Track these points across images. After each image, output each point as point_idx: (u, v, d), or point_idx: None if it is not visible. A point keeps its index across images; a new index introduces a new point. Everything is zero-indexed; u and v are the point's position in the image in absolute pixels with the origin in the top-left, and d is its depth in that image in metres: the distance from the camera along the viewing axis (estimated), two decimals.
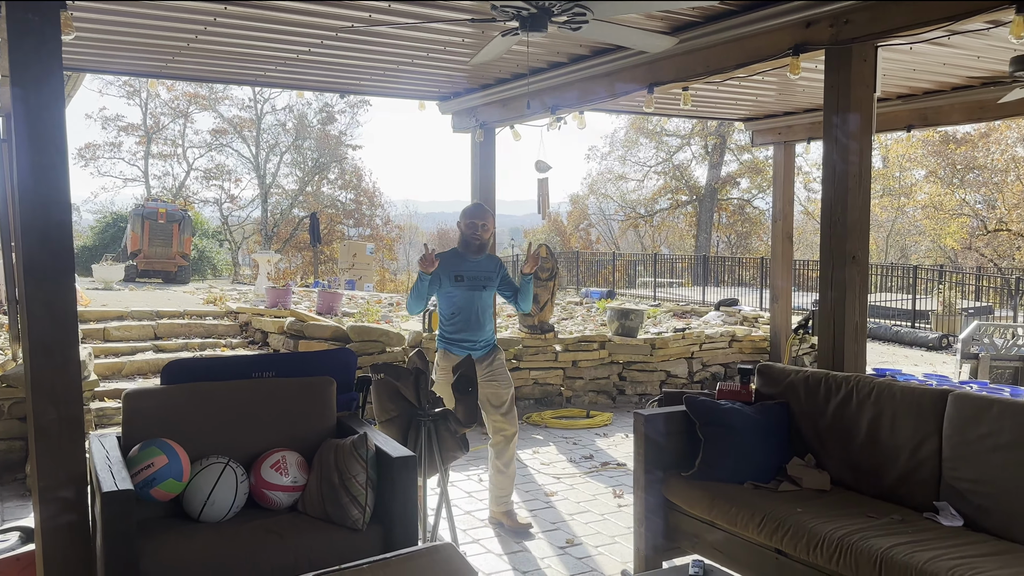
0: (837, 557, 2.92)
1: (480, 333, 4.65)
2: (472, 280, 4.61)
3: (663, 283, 21.54)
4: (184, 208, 22.60)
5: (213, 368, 3.70)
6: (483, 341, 4.67)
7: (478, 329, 4.64)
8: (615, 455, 6.35)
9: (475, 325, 4.63)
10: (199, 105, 32.06)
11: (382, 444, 3.37)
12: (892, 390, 3.48)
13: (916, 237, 32.53)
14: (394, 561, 2.12)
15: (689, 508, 3.63)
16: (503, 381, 4.71)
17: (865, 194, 4.18)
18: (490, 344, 4.72)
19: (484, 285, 4.65)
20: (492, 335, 4.74)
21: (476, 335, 4.64)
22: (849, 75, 4.11)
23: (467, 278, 4.59)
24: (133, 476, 3.08)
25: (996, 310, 16.92)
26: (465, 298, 4.60)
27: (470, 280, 4.60)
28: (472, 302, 4.61)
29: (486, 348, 4.69)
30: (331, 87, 6.94)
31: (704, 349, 8.81)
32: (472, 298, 4.61)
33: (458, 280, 4.58)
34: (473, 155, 7.43)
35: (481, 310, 4.65)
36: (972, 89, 6.63)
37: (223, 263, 27.11)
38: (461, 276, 4.59)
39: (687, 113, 8.69)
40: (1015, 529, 2.95)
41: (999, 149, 26.23)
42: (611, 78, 5.71)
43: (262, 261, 13.74)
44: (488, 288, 4.68)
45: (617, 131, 43.91)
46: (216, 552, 2.97)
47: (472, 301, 4.61)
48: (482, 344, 4.66)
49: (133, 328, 8.66)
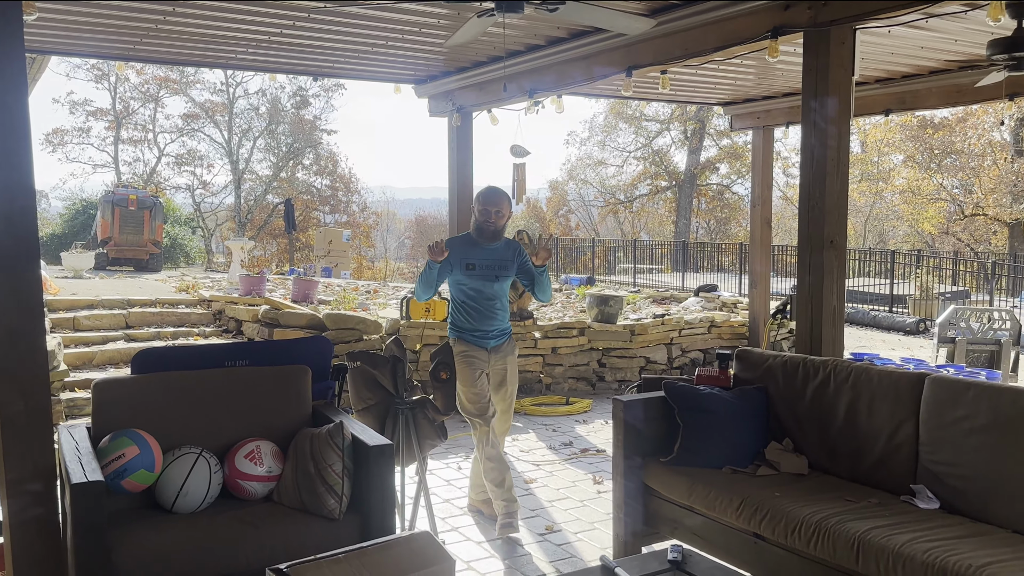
0: (815, 541, 2.95)
1: (492, 323, 4.41)
2: (485, 269, 4.34)
3: (643, 269, 21.63)
4: (155, 195, 22.32)
5: (185, 357, 3.67)
6: (496, 331, 4.44)
7: (490, 320, 4.40)
8: (595, 441, 6.38)
9: (487, 316, 4.39)
10: (170, 89, 31.62)
11: (359, 433, 3.36)
12: (869, 374, 3.51)
13: (894, 222, 32.88)
14: (371, 550, 2.12)
15: (668, 493, 3.65)
16: (511, 377, 4.53)
17: (843, 178, 4.21)
18: (504, 335, 4.49)
19: (498, 275, 4.37)
20: (506, 325, 4.50)
21: (488, 326, 4.40)
22: (827, 58, 4.13)
23: (480, 267, 4.33)
24: (103, 467, 3.05)
25: (973, 294, 17.16)
26: (477, 288, 4.34)
27: (483, 269, 4.34)
28: (484, 292, 4.36)
29: (499, 338, 4.46)
30: (304, 70, 6.87)
31: (683, 335, 8.86)
32: (484, 288, 4.36)
33: (470, 269, 4.33)
34: (450, 140, 7.40)
35: (494, 301, 4.40)
36: (949, 73, 6.69)
37: (196, 251, 26.83)
38: (473, 265, 4.33)
39: (666, 97, 8.70)
40: (990, 511, 3.00)
41: (976, 134, 26.53)
42: (589, 61, 5.70)
43: (236, 248, 13.62)
44: (503, 279, 4.39)
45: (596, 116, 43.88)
46: (190, 543, 2.95)
47: (484, 291, 4.36)
48: (495, 334, 4.44)
49: (104, 317, 8.57)
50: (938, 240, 30.09)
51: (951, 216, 28.60)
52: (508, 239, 4.49)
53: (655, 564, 2.52)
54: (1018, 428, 2.96)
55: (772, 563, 3.18)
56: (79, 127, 32.19)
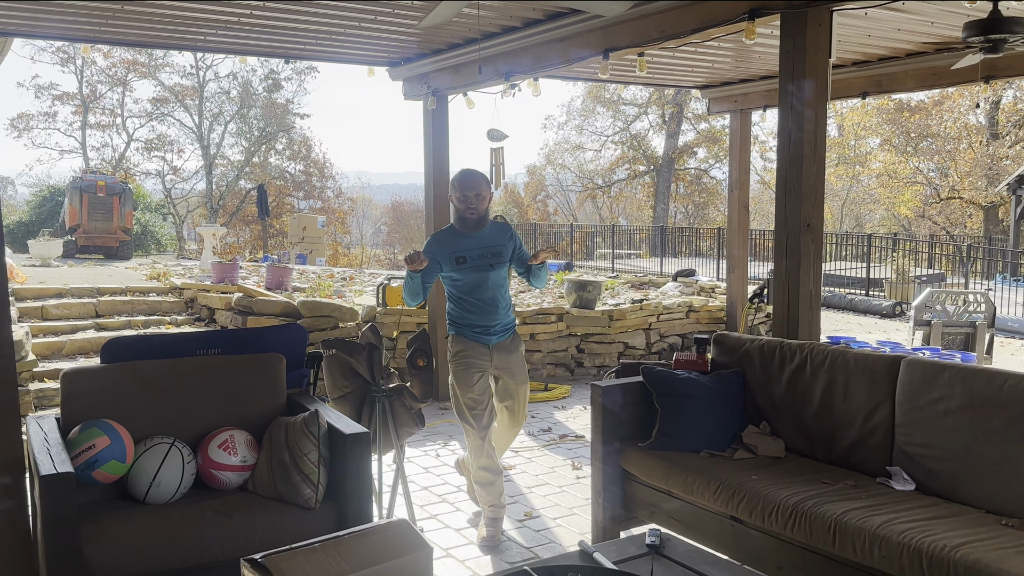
0: (792, 523, 2.99)
1: (494, 317, 4.11)
2: (478, 260, 4.05)
3: (621, 254, 21.71)
4: (125, 180, 22.03)
5: (156, 346, 3.63)
6: (499, 326, 4.14)
7: (492, 314, 4.10)
8: (573, 427, 6.41)
9: (488, 310, 4.10)
10: (138, 73, 31.14)
11: (334, 421, 3.35)
12: (846, 357, 3.55)
13: (870, 205, 33.21)
14: (347, 539, 2.11)
15: (646, 478, 3.68)
16: (518, 375, 4.21)
17: (820, 162, 4.23)
18: (508, 329, 4.19)
19: (492, 264, 4.08)
20: (509, 317, 4.21)
21: (489, 320, 4.11)
22: (804, 40, 4.14)
23: (471, 258, 4.04)
24: (73, 458, 3.02)
25: (948, 277, 17.39)
26: (471, 282, 4.05)
27: (475, 260, 4.04)
28: (481, 285, 4.07)
29: (503, 334, 4.17)
30: (275, 52, 6.79)
31: (662, 320, 8.90)
32: (480, 280, 4.07)
33: (460, 263, 4.03)
34: (425, 123, 7.35)
35: (493, 292, 4.10)
36: (926, 55, 6.73)
37: (167, 238, 26.55)
38: (463, 257, 4.03)
39: (643, 80, 8.69)
40: (964, 492, 3.05)
41: (952, 117, 26.81)
42: (566, 43, 5.68)
43: (207, 235, 13.49)
44: (498, 266, 4.11)
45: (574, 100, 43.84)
46: (163, 534, 2.93)
47: (481, 284, 4.07)
48: (498, 329, 4.14)
49: (73, 306, 8.46)
50: (914, 223, 30.45)
51: (927, 199, 28.94)
52: (497, 223, 4.24)
53: (633, 548, 2.54)
54: (992, 409, 3.01)
55: (749, 546, 3.21)
56: (45, 111, 31.67)
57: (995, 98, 25.36)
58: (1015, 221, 20.63)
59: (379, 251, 36.52)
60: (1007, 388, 2.99)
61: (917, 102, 27.14)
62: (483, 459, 4.15)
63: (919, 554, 2.59)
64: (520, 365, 4.23)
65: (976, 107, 25.21)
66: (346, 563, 2.02)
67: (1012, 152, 26.20)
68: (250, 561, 1.99)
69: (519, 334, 4.30)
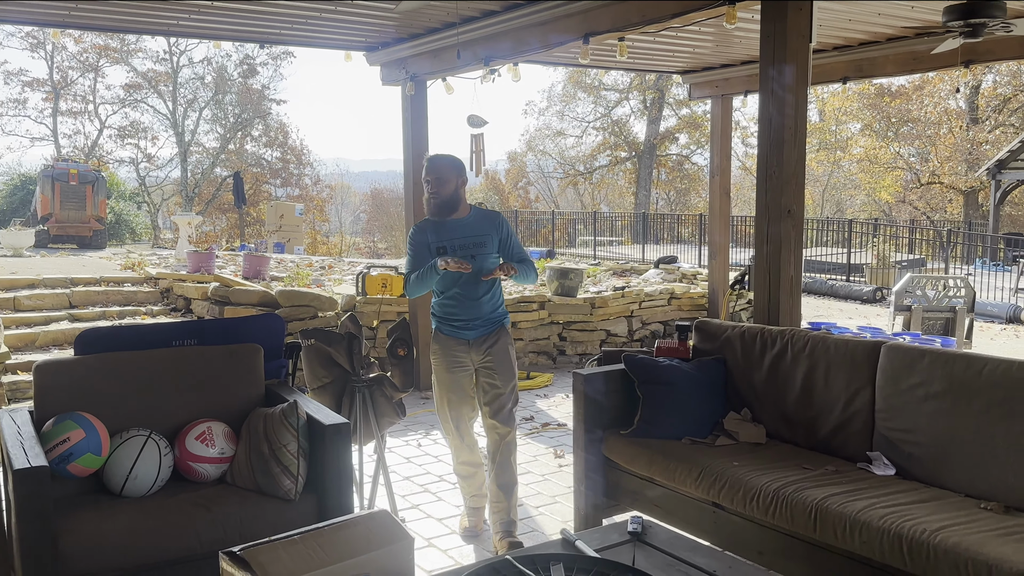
0: (773, 509, 3.01)
1: (474, 310, 3.92)
2: (460, 249, 3.88)
3: (603, 241, 21.74)
4: (97, 168, 21.76)
5: (131, 337, 3.60)
6: (481, 320, 3.94)
7: (473, 307, 3.92)
8: (556, 416, 6.43)
9: (469, 303, 3.91)
10: (110, 58, 30.74)
11: (314, 412, 3.34)
12: (826, 343, 3.58)
13: (851, 191, 33.46)
14: (327, 530, 2.11)
15: (628, 466, 3.70)
16: (502, 372, 3.95)
17: (800, 147, 4.25)
18: (490, 324, 3.97)
19: (474, 254, 3.87)
20: (494, 312, 3.99)
21: (470, 313, 3.93)
22: (785, 25, 4.15)
23: (451, 248, 3.88)
24: (48, 452, 2.99)
25: (928, 262, 17.57)
26: (452, 273, 3.87)
27: (456, 250, 3.88)
28: (462, 276, 3.88)
29: (484, 328, 3.96)
30: (250, 37, 6.72)
31: (644, 307, 8.94)
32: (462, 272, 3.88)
33: (441, 253, 3.88)
34: (404, 109, 7.31)
35: (476, 285, 3.90)
36: (906, 40, 6.77)
37: (142, 227, 26.29)
38: (443, 247, 3.89)
39: (624, 65, 8.69)
40: (944, 476, 3.09)
41: (932, 102, 27.03)
42: (545, 28, 5.66)
43: (183, 224, 13.38)
44: (482, 256, 3.89)
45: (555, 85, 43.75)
46: (141, 527, 2.91)
47: (462, 275, 3.88)
48: (480, 324, 3.95)
49: (46, 297, 8.37)
50: (895, 209, 30.71)
51: (908, 185, 29.18)
52: (484, 209, 4.06)
53: (615, 536, 2.56)
54: (971, 394, 3.05)
55: (731, 532, 3.24)
56: (14, 98, 31.22)
57: (975, 83, 25.61)
58: (994, 206, 20.87)
59: (359, 239, 36.38)
60: (986, 373, 3.03)
61: (898, 87, 27.35)
62: (463, 454, 4.10)
63: (899, 538, 2.63)
64: (504, 362, 3.97)
65: (956, 92, 25.44)
66: (326, 555, 2.02)
67: (992, 137, 26.47)
68: (229, 554, 1.99)
69: (508, 329, 4.05)
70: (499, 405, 3.96)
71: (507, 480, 3.97)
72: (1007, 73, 25.77)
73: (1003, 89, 26.62)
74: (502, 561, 2.18)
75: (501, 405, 3.96)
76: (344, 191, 42.76)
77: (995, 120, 27.28)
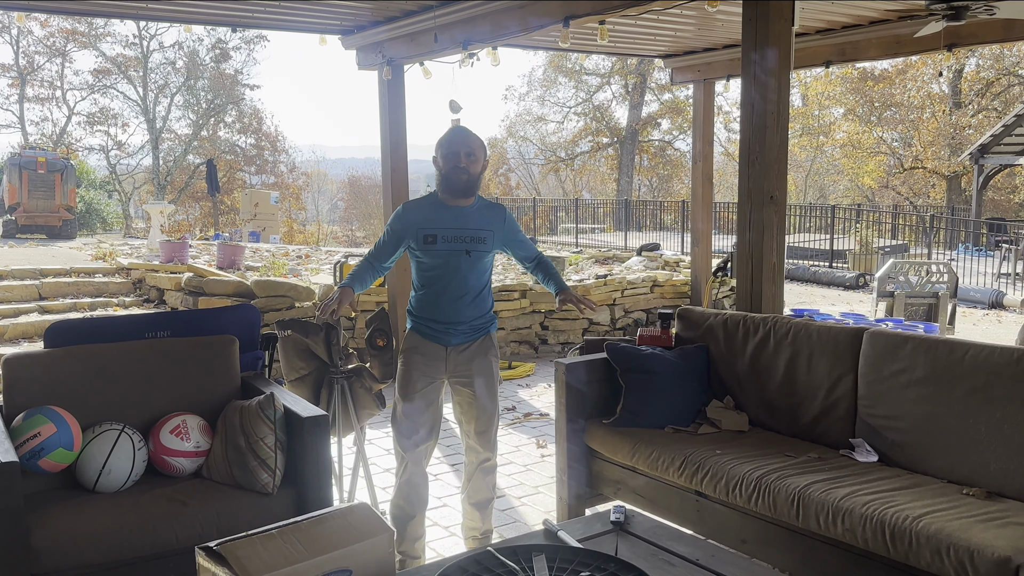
0: (755, 497, 3.04)
1: (458, 314, 3.42)
2: (453, 241, 3.37)
3: (585, 229, 21.77)
4: (66, 156, 21.52)
5: (102, 329, 3.57)
6: (463, 326, 3.45)
7: (456, 309, 3.42)
8: (538, 405, 6.45)
9: (452, 305, 3.41)
10: (78, 43, 30.30)
11: (291, 404, 3.32)
12: (809, 330, 3.61)
13: (834, 176, 33.67)
14: (306, 524, 2.11)
15: (611, 455, 3.72)
16: (487, 388, 3.50)
17: (783, 132, 4.27)
18: (477, 330, 3.49)
19: (470, 249, 3.38)
20: (483, 318, 3.51)
21: (452, 316, 3.42)
22: (767, 7, 4.15)
23: (443, 239, 3.36)
24: (18, 447, 2.96)
25: (911, 248, 17.75)
26: (439, 268, 3.38)
27: (448, 242, 3.36)
28: (450, 274, 3.38)
29: (468, 336, 3.47)
30: (222, 20, 6.65)
31: (626, 295, 8.96)
32: (450, 268, 3.38)
33: (429, 242, 3.36)
34: (381, 94, 7.26)
35: (463, 284, 3.41)
36: (889, 23, 6.81)
37: (113, 216, 26.05)
38: (433, 236, 3.35)
39: (605, 49, 8.68)
40: (927, 463, 3.13)
41: (915, 86, 27.22)
42: (525, 11, 5.64)
43: (155, 213, 13.24)
44: (478, 253, 3.41)
45: (535, 69, 43.65)
46: (115, 523, 2.89)
47: (450, 272, 3.38)
48: (462, 329, 3.45)
49: (15, 288, 8.27)
50: (878, 194, 30.96)
51: (891, 170, 29.41)
52: (488, 200, 3.59)
53: (598, 526, 2.57)
54: (954, 380, 3.08)
55: (714, 520, 3.27)
56: None
57: (958, 66, 25.81)
58: (977, 191, 21.09)
59: (336, 228, 36.21)
60: (968, 359, 3.07)
61: (881, 71, 27.51)
62: (405, 492, 3.51)
63: (882, 525, 2.66)
64: (487, 375, 3.51)
65: (939, 76, 25.63)
66: (305, 549, 2.01)
67: (974, 121, 26.72)
68: (205, 549, 1.98)
69: (493, 338, 3.57)
70: (483, 426, 3.53)
71: (483, 498, 3.63)
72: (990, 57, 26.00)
73: (986, 73, 26.86)
74: (484, 553, 2.19)
75: (486, 426, 3.53)
76: (321, 178, 42.52)
77: (978, 104, 27.53)
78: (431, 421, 3.52)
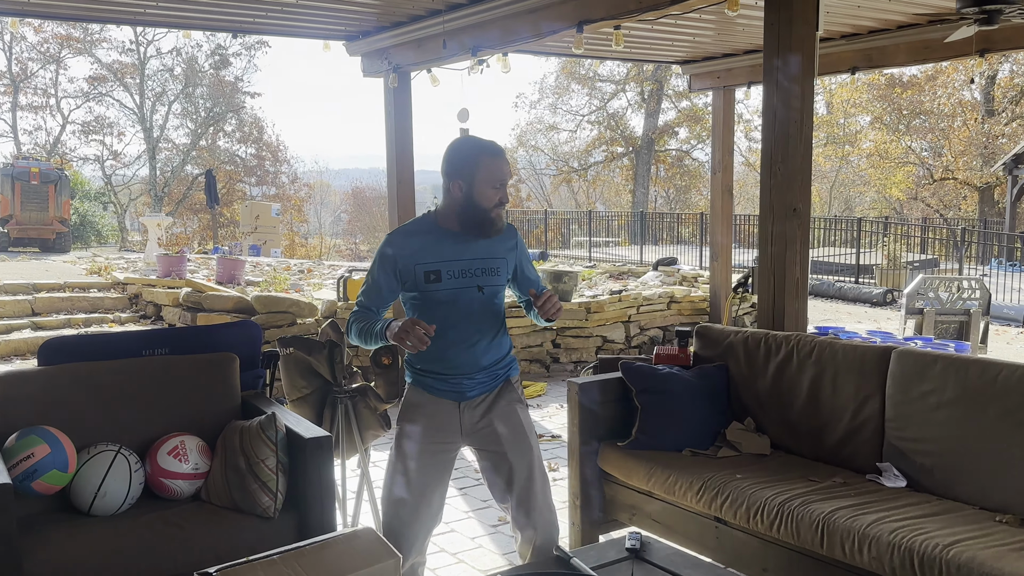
0: (778, 524, 3.04)
1: (472, 363, 2.86)
2: (461, 276, 2.80)
3: (599, 242, 21.80)
4: (60, 167, 21.72)
5: (97, 346, 3.60)
6: (480, 374, 2.89)
7: (467, 358, 2.85)
8: (549, 427, 6.45)
9: (461, 354, 2.85)
10: (72, 49, 30.62)
11: (293, 424, 3.34)
12: (834, 349, 3.61)
13: (861, 188, 33.60)
14: (308, 550, 2.12)
15: (626, 479, 3.72)
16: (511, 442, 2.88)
17: (807, 142, 4.28)
18: (497, 378, 2.94)
19: (482, 284, 2.82)
20: (500, 363, 2.95)
21: (464, 365, 2.86)
22: (790, 12, 4.18)
23: (447, 274, 2.79)
24: (11, 469, 2.99)
25: (942, 263, 17.68)
26: (444, 308, 2.80)
27: (455, 277, 2.80)
28: (459, 315, 2.81)
29: (487, 384, 2.91)
30: (222, 25, 6.73)
31: (642, 312, 8.97)
32: (459, 309, 2.82)
33: (432, 281, 2.78)
34: (387, 102, 7.32)
35: (477, 327, 2.86)
36: (918, 28, 6.82)
37: (108, 229, 26.23)
38: (436, 273, 2.78)
39: (620, 55, 8.73)
40: (958, 488, 3.12)
41: (946, 93, 27.17)
42: (536, 15, 5.68)
43: (152, 226, 13.36)
44: (492, 288, 2.86)
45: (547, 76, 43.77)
46: (110, 548, 2.92)
47: (458, 313, 2.81)
48: (479, 379, 2.89)
49: (7, 304, 8.35)
50: (906, 206, 30.86)
51: (920, 181, 29.32)
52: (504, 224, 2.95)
53: (613, 553, 2.58)
54: (986, 401, 3.08)
55: (734, 548, 3.27)
56: None
57: (990, 73, 25.75)
58: (1011, 203, 21.01)
59: (339, 241, 36.33)
60: (1001, 379, 3.06)
61: (909, 77, 27.48)
62: None
63: (910, 553, 2.66)
64: (512, 423, 2.91)
65: (971, 82, 25.56)
66: (307, 575, 2.03)
67: (1008, 130, 26.64)
68: (204, 575, 2.00)
69: (516, 385, 3.00)
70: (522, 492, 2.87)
71: None
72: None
73: (1020, 79, 26.80)
74: None
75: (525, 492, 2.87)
76: (323, 190, 42.70)
77: (1012, 112, 27.44)
78: (434, 499, 2.94)
